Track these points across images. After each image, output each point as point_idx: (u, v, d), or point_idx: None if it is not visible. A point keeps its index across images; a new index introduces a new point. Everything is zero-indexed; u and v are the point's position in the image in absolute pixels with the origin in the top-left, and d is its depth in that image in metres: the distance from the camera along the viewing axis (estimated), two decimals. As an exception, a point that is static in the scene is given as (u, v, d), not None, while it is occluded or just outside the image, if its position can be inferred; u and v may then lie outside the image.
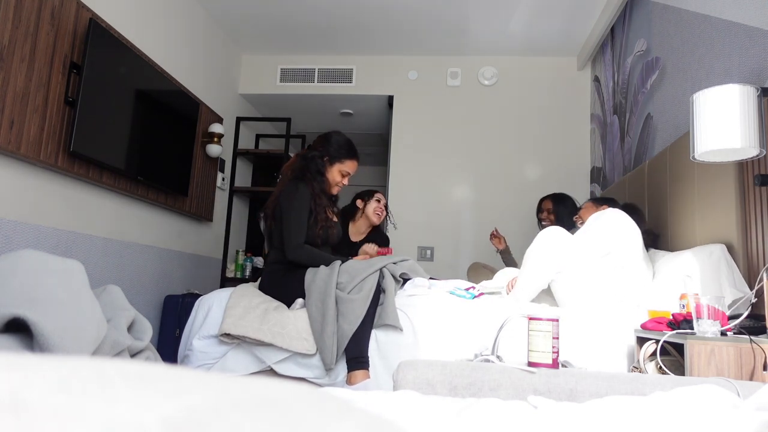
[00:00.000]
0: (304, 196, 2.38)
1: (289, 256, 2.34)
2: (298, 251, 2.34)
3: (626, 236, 2.21)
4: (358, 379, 2.05)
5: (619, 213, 2.27)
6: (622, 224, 2.23)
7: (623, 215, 2.26)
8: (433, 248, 4.44)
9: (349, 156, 2.52)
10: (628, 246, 2.19)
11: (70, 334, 1.05)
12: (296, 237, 2.34)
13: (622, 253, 2.18)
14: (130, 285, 3.15)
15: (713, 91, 1.77)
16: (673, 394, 0.94)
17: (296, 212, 2.36)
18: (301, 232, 2.35)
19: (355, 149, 2.56)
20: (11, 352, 0.90)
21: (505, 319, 1.50)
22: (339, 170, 2.51)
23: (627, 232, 2.22)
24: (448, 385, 1.21)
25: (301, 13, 4.03)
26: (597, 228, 2.22)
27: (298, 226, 2.35)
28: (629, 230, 2.22)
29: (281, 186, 2.49)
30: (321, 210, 2.42)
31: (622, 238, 2.20)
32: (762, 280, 1.64)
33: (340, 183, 2.54)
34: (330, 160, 2.50)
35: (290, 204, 2.37)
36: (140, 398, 0.22)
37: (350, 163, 2.53)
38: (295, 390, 0.27)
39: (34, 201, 2.43)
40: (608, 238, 2.20)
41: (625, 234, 2.21)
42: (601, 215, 2.26)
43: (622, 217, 2.24)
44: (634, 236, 2.22)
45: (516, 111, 4.53)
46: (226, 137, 4.28)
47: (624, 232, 2.21)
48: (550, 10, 3.83)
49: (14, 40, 2.22)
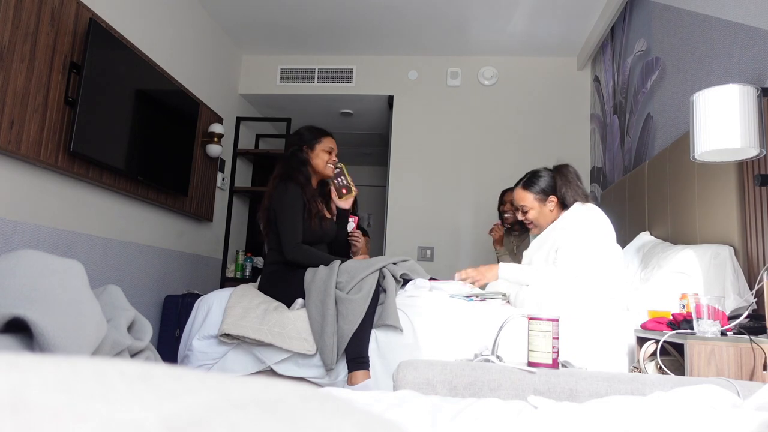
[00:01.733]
0: (295, 193, 2.39)
1: (288, 257, 2.35)
2: (296, 251, 2.34)
3: (611, 234, 2.23)
4: (358, 380, 2.05)
5: (599, 211, 2.27)
6: (607, 223, 2.24)
7: (604, 217, 2.27)
8: (433, 248, 4.44)
9: (322, 134, 2.59)
10: (613, 243, 2.22)
11: (70, 334, 1.05)
12: (293, 236, 2.35)
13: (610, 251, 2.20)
14: (130, 285, 3.15)
15: (713, 91, 1.77)
16: (673, 394, 0.94)
17: (290, 211, 2.37)
18: (298, 231, 2.36)
19: (324, 129, 2.64)
20: (11, 352, 0.90)
21: (505, 319, 1.50)
22: (321, 150, 2.55)
23: (610, 229, 2.24)
24: (448, 385, 1.21)
25: (301, 13, 4.03)
26: (596, 230, 2.21)
27: (293, 224, 2.36)
28: (610, 227, 2.24)
29: (270, 190, 2.50)
30: (312, 201, 2.43)
31: (611, 236, 2.22)
32: (762, 280, 1.64)
33: (330, 160, 2.56)
34: (309, 146, 2.55)
35: (282, 204, 2.38)
36: (140, 398, 0.22)
37: (327, 140, 2.58)
38: (295, 390, 0.27)
39: (33, 201, 2.43)
40: (606, 238, 2.21)
41: (611, 232, 2.23)
42: (589, 215, 2.25)
43: (603, 215, 2.26)
44: (612, 232, 2.25)
45: (516, 111, 4.53)
46: (226, 137, 4.28)
47: (610, 230, 2.23)
48: (550, 10, 3.83)
49: (14, 40, 2.22)
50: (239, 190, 4.59)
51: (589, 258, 2.16)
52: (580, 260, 2.15)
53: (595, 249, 2.17)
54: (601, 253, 2.17)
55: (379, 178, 6.53)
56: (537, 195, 2.35)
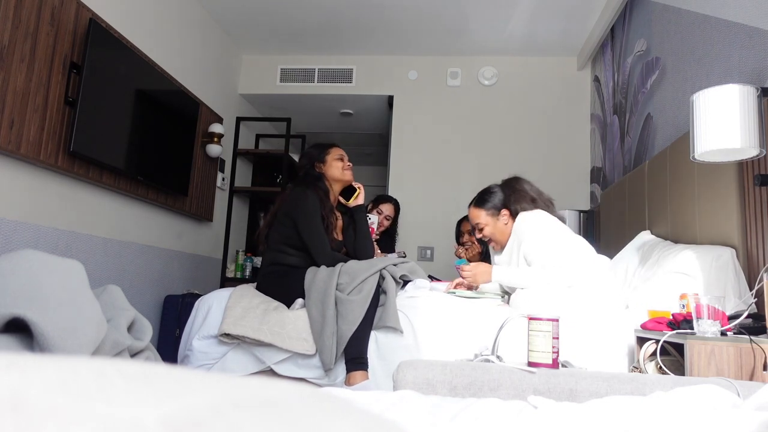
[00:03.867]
0: (315, 201, 2.40)
1: (320, 263, 2.37)
2: (328, 260, 2.36)
3: (566, 235, 2.23)
4: (357, 380, 2.05)
5: (545, 215, 2.28)
6: (550, 219, 2.26)
7: (547, 215, 2.27)
8: (433, 248, 4.44)
9: (328, 146, 2.63)
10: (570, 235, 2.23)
11: (70, 334, 1.05)
12: (323, 245, 2.37)
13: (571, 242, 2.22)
14: (130, 285, 3.15)
15: (713, 91, 1.77)
16: (673, 394, 0.94)
17: (313, 219, 2.38)
18: (325, 240, 2.39)
19: (327, 142, 2.69)
20: (11, 352, 0.90)
21: (505, 319, 1.50)
22: (332, 159, 2.58)
23: (562, 231, 2.24)
24: (448, 385, 1.21)
25: (301, 13, 4.03)
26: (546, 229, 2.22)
27: (320, 233, 2.38)
28: (562, 228, 2.25)
29: (286, 195, 2.52)
30: (329, 216, 2.44)
31: (562, 229, 2.23)
32: (762, 280, 1.64)
33: (344, 167, 2.58)
34: (319, 161, 2.58)
35: (305, 210, 2.38)
36: (140, 398, 0.22)
37: (334, 150, 2.61)
38: (294, 390, 0.27)
39: (33, 201, 2.43)
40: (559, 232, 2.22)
41: (559, 226, 2.23)
42: (533, 219, 2.25)
43: (550, 218, 2.27)
44: (567, 232, 2.27)
45: (516, 111, 4.53)
46: (226, 137, 4.28)
47: (562, 233, 2.23)
48: (550, 10, 3.83)
49: (14, 40, 2.22)
50: (239, 190, 4.59)
51: (557, 254, 2.17)
52: (553, 259, 2.17)
53: (556, 245, 2.20)
54: (565, 247, 2.20)
55: (379, 178, 6.53)
56: (489, 211, 2.40)
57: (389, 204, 3.55)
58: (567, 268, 2.15)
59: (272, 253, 2.43)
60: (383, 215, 3.47)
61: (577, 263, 2.17)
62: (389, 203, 3.56)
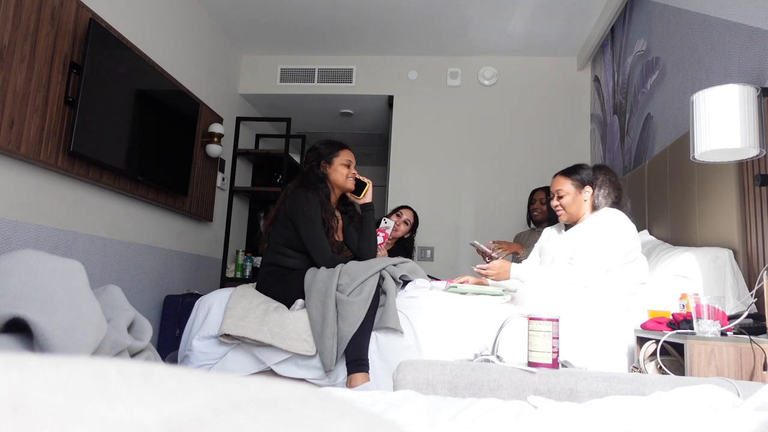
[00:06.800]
0: (315, 205, 2.38)
1: (320, 265, 2.35)
2: (329, 264, 2.33)
3: (635, 237, 2.24)
4: (358, 383, 2.04)
5: (623, 216, 2.29)
6: (631, 227, 2.26)
7: (624, 217, 2.28)
8: (433, 248, 4.44)
9: (339, 147, 2.57)
10: (636, 246, 2.24)
11: (70, 334, 1.05)
12: (324, 249, 2.35)
13: (634, 253, 2.22)
14: (130, 285, 3.15)
15: (713, 91, 1.77)
16: (673, 394, 0.94)
17: (314, 223, 2.35)
18: (326, 243, 2.37)
19: (340, 141, 2.62)
20: (11, 352, 0.90)
21: (505, 319, 1.50)
22: (339, 164, 2.53)
23: (634, 233, 2.25)
24: (448, 385, 1.21)
25: (301, 13, 4.03)
26: (620, 233, 2.22)
27: (320, 237, 2.35)
28: (634, 231, 2.26)
29: (286, 195, 2.48)
30: (330, 219, 2.42)
31: (634, 240, 2.24)
32: (762, 280, 1.64)
33: (349, 173, 2.55)
34: (326, 161, 2.53)
35: (305, 212, 2.35)
36: (140, 398, 0.22)
37: (344, 153, 2.56)
38: (294, 390, 0.27)
39: (34, 201, 2.43)
40: (629, 242, 2.23)
41: (634, 236, 2.24)
42: (615, 219, 2.26)
43: (627, 221, 2.27)
44: (636, 236, 2.25)
45: (516, 111, 4.53)
46: (226, 137, 4.28)
47: (634, 234, 2.25)
48: (550, 10, 3.83)
49: (14, 40, 2.22)
50: (239, 190, 4.59)
51: (606, 260, 2.17)
52: (597, 261, 2.17)
53: (614, 253, 2.18)
54: (620, 258, 2.19)
55: (379, 178, 6.52)
56: (575, 182, 2.40)
57: (410, 210, 3.61)
58: (590, 270, 2.16)
59: (272, 254, 2.43)
60: (402, 218, 3.49)
61: (610, 268, 2.18)
62: (410, 210, 3.61)
